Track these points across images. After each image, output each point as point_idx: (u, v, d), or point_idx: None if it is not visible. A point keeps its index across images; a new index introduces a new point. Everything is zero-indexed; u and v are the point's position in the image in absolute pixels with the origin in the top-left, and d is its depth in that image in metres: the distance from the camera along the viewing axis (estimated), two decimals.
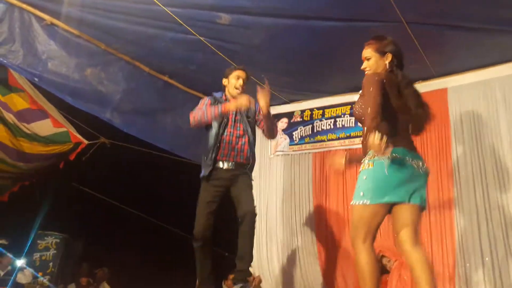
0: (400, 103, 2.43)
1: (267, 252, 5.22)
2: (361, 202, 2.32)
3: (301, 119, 5.36)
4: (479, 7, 3.28)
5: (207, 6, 3.54)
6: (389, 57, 2.50)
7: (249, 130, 3.54)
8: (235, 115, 3.53)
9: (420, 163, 2.39)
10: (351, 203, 2.41)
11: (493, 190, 3.95)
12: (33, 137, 5.37)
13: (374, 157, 2.33)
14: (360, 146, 2.82)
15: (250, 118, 3.59)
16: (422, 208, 2.40)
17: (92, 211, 6.74)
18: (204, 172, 3.48)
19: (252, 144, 3.56)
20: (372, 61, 2.53)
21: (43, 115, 5.18)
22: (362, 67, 2.56)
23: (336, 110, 5.08)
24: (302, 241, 5.00)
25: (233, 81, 3.52)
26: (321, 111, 5.21)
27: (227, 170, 3.47)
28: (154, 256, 6.96)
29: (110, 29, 3.94)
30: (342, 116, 5.00)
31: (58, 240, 6.65)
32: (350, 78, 4.40)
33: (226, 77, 3.59)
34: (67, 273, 6.63)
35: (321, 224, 4.92)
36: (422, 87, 4.51)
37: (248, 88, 3.59)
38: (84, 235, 6.90)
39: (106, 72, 4.30)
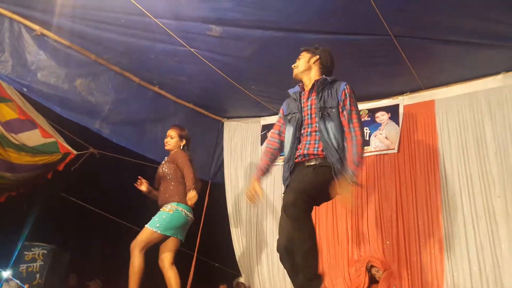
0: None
1: (257, 261, 5.24)
2: (154, 229, 3.61)
3: None
4: (466, 21, 3.35)
5: (198, 18, 3.56)
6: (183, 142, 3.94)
7: (324, 122, 2.90)
8: (310, 109, 3.00)
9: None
10: (146, 225, 3.65)
11: (480, 199, 4.02)
12: (21, 148, 5.30)
13: (174, 208, 3.70)
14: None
15: (331, 109, 2.92)
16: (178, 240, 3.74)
17: (80, 222, 6.65)
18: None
19: (327, 137, 2.88)
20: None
21: (32, 125, 5.11)
22: None
23: None
24: None
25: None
26: None
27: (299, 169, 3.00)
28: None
29: (101, 40, 3.95)
30: None
31: (45, 251, 6.52)
32: None
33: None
34: (54, 284, 6.52)
35: None
36: (410, 99, 4.63)
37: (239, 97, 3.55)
38: (73, 246, 6.79)
39: (96, 83, 4.29)
